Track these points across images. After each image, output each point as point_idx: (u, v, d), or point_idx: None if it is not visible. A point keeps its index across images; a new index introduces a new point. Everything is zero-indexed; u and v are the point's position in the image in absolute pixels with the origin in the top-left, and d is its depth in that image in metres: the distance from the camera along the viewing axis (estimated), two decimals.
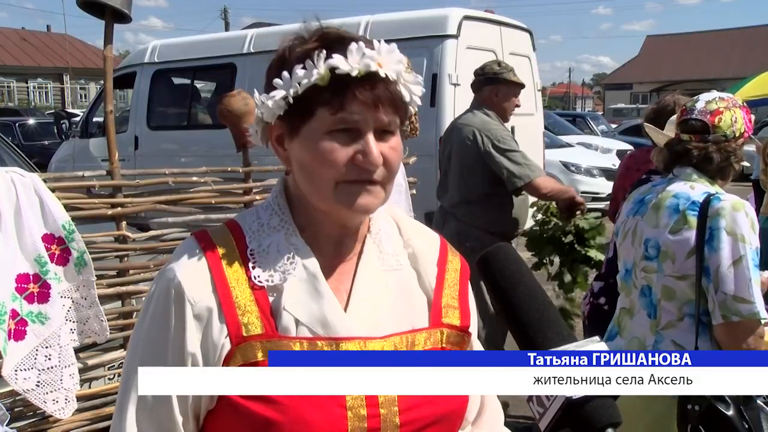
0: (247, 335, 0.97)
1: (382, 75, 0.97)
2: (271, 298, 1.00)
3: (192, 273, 1.00)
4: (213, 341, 0.97)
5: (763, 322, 1.94)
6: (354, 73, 0.96)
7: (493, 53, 6.56)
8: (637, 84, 40.86)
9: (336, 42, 0.99)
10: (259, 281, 1.00)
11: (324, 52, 0.97)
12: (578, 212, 3.81)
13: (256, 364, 0.96)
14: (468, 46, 6.23)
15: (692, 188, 2.08)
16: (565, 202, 3.79)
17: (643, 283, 2.16)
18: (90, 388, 2.65)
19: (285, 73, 0.99)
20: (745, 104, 2.17)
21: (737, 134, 2.09)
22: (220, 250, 1.02)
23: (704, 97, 2.17)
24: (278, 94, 0.99)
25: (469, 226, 3.76)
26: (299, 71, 0.97)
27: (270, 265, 1.01)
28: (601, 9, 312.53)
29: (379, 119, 0.98)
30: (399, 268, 1.09)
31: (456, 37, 6.11)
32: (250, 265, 1.01)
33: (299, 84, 0.97)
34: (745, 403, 1.81)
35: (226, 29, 37.03)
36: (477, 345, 1.18)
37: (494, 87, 3.83)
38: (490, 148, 3.66)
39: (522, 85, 3.96)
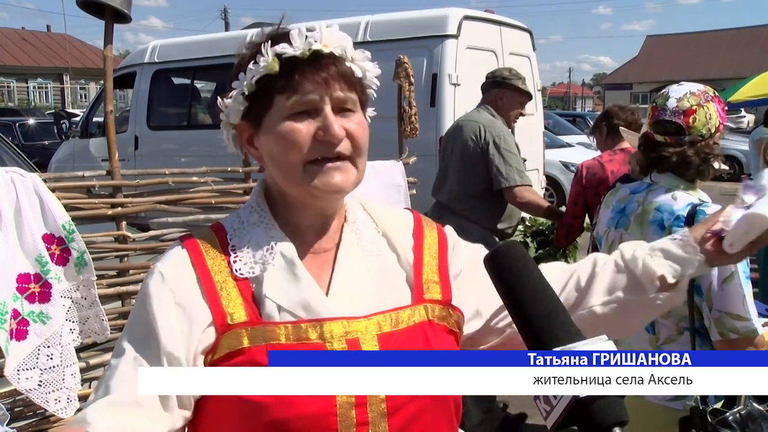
0: (231, 323, 1.00)
1: (327, 52, 1.03)
2: (253, 288, 1.04)
3: (174, 267, 1.04)
4: (197, 329, 1.00)
5: (760, 334, 1.90)
6: (298, 53, 1.01)
7: (493, 53, 6.57)
8: (637, 84, 40.86)
9: (281, 35, 1.05)
10: (241, 273, 1.04)
11: (269, 43, 1.03)
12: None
13: (241, 351, 0.99)
14: (468, 46, 6.23)
15: (675, 199, 2.01)
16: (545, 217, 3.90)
17: None
18: (90, 388, 2.65)
19: (241, 74, 1.06)
20: (716, 94, 2.06)
21: (713, 130, 2.01)
22: (203, 248, 1.06)
23: (675, 94, 2.05)
24: (236, 92, 1.06)
25: (469, 222, 3.76)
26: (251, 67, 1.04)
27: (250, 257, 1.05)
28: (601, 9, 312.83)
29: (335, 96, 1.04)
30: (378, 254, 1.13)
31: (456, 37, 6.11)
32: (232, 259, 1.05)
33: (252, 78, 1.04)
34: (747, 424, 1.78)
35: (226, 29, 37.04)
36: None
37: (500, 91, 3.90)
38: (490, 143, 3.72)
39: (529, 96, 4.03)
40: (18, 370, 2.08)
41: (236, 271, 1.04)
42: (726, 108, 2.09)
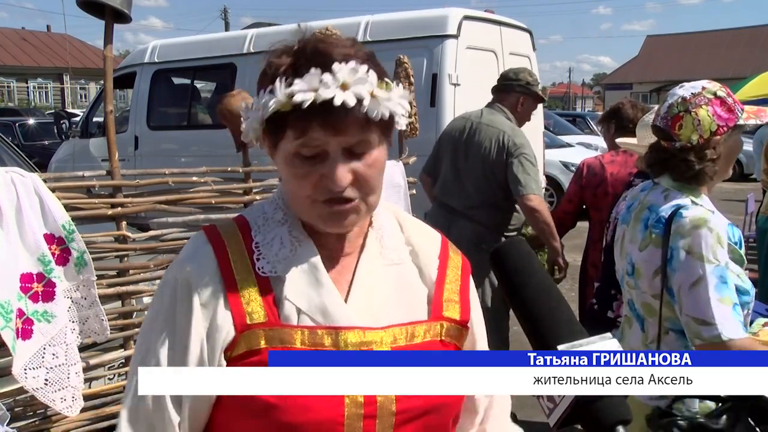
0: (250, 323, 1.00)
1: (339, 102, 0.94)
2: (274, 288, 1.03)
3: (199, 264, 1.04)
4: (218, 328, 1.01)
5: (726, 340, 1.79)
6: (309, 100, 0.95)
7: (493, 53, 6.57)
8: (637, 84, 40.83)
9: (309, 59, 0.98)
10: (263, 272, 1.04)
11: (285, 79, 0.97)
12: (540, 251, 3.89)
13: (258, 351, 0.99)
14: (468, 46, 6.23)
15: (665, 199, 1.99)
16: (539, 237, 3.80)
17: (629, 297, 2.12)
18: (90, 388, 2.65)
19: (261, 92, 1.01)
20: (717, 95, 1.97)
21: (706, 135, 1.94)
22: (227, 243, 1.06)
23: (670, 98, 2.02)
24: (254, 115, 1.02)
25: (488, 229, 3.72)
26: (267, 96, 0.99)
27: (273, 256, 1.05)
28: (601, 9, 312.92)
29: (345, 141, 0.98)
30: (400, 263, 1.12)
31: (456, 37, 6.11)
32: (255, 256, 1.05)
33: (267, 108, 0.98)
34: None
35: (226, 29, 37.04)
36: (481, 339, 1.21)
37: (522, 96, 3.84)
38: (513, 152, 3.64)
39: (543, 101, 4.05)
40: (25, 369, 2.09)
41: (259, 269, 1.04)
42: (732, 107, 1.98)
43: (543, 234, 3.73)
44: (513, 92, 3.84)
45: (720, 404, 1.79)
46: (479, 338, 1.19)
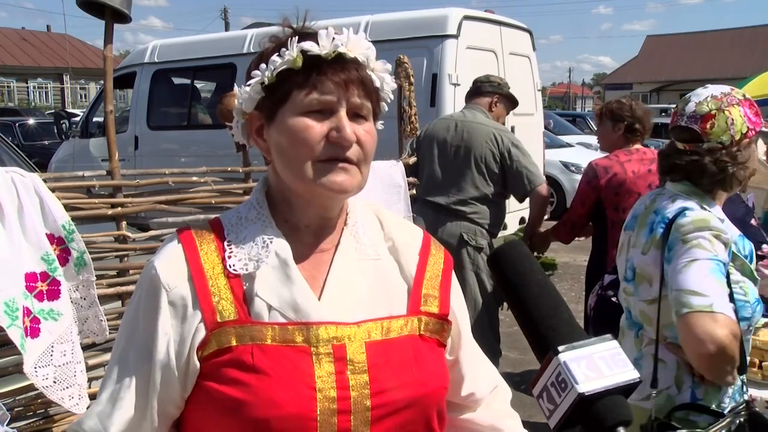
0: (221, 321, 1.01)
1: (351, 57, 1.03)
2: (245, 286, 1.03)
3: (169, 263, 1.05)
4: (188, 327, 1.01)
5: (718, 312, 1.67)
6: (324, 53, 1.02)
7: (493, 53, 6.57)
8: (637, 84, 40.82)
9: (308, 33, 1.05)
10: (234, 269, 1.04)
11: (296, 38, 1.03)
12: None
13: (229, 349, 1.00)
14: (468, 46, 6.23)
15: (673, 202, 1.91)
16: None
17: (624, 304, 2.08)
18: (89, 388, 2.65)
19: (262, 65, 1.06)
20: (746, 97, 1.90)
21: (737, 137, 1.86)
22: (198, 243, 1.07)
23: (695, 98, 1.93)
24: (255, 81, 1.06)
25: (477, 225, 3.82)
26: (275, 58, 1.04)
27: (245, 254, 1.05)
28: (601, 9, 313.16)
29: (351, 100, 1.04)
30: (377, 258, 1.12)
31: (456, 37, 6.12)
32: (226, 254, 1.05)
33: (274, 69, 1.04)
34: None
35: (226, 29, 37.05)
36: (466, 331, 1.21)
37: (496, 96, 3.99)
38: (510, 148, 3.78)
39: (515, 103, 4.15)
40: (35, 368, 2.09)
41: (230, 267, 1.04)
42: (758, 111, 1.90)
43: (537, 217, 3.96)
44: (486, 93, 3.99)
45: (719, 418, 1.75)
46: (464, 330, 1.20)
